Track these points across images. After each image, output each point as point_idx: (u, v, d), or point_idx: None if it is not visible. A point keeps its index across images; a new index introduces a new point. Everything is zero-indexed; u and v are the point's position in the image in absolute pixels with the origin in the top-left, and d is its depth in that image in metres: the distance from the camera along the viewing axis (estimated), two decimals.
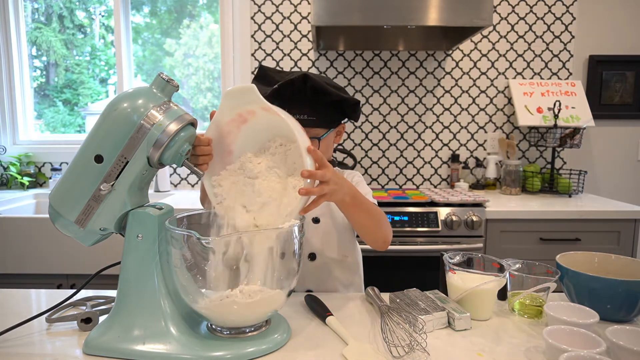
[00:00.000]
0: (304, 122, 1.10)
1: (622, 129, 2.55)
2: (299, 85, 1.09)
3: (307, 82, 1.08)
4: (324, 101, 1.12)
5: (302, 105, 1.12)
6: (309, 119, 1.12)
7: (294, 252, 0.80)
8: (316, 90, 1.10)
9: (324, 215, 1.19)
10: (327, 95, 1.11)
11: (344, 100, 1.13)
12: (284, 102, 1.13)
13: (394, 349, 0.74)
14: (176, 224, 0.81)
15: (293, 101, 1.12)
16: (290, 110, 1.09)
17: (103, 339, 0.77)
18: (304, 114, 1.11)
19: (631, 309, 0.87)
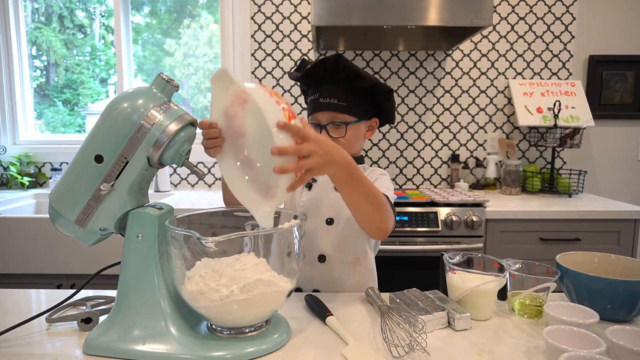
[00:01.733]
0: (334, 106, 1.10)
1: (622, 129, 2.55)
2: (332, 65, 1.07)
3: (340, 62, 1.07)
4: (356, 87, 1.10)
5: (333, 89, 1.10)
6: (339, 103, 1.10)
7: (294, 252, 0.80)
8: (349, 72, 1.08)
9: (338, 216, 1.15)
10: (359, 78, 1.09)
11: (377, 86, 1.11)
12: (316, 84, 1.14)
13: (394, 349, 0.74)
14: (176, 224, 0.81)
15: (324, 83, 1.11)
16: (321, 94, 1.11)
17: (103, 339, 0.77)
18: (334, 97, 1.10)
19: (631, 309, 0.87)
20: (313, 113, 1.14)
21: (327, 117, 1.12)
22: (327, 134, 1.11)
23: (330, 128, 1.12)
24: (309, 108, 1.16)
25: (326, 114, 1.11)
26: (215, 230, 0.90)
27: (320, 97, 1.11)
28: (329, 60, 1.07)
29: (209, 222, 0.90)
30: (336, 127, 1.12)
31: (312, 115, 1.15)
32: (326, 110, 1.11)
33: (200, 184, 2.58)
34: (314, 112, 1.13)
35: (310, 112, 1.15)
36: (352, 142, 1.14)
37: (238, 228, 0.90)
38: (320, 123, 1.12)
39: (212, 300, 0.73)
